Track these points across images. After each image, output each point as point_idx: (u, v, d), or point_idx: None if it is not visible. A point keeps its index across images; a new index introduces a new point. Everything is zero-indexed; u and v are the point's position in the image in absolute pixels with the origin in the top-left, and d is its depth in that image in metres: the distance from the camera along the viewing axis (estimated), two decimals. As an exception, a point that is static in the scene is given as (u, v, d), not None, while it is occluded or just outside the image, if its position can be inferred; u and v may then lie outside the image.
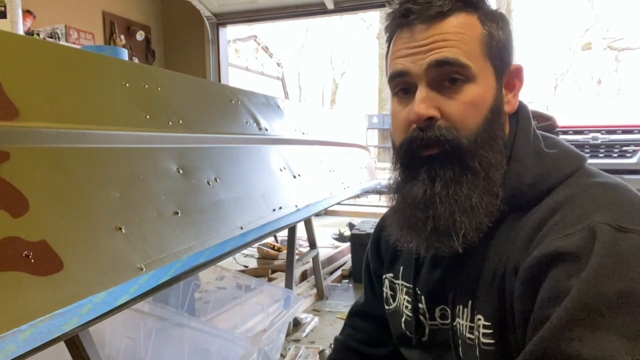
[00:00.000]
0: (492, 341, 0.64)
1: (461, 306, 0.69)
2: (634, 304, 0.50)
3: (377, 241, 0.92)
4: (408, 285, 0.80)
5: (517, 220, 0.65)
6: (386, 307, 0.86)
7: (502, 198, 0.65)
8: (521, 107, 0.73)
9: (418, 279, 0.77)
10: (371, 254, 0.94)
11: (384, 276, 0.87)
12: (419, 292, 0.77)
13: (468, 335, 0.68)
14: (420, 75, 0.65)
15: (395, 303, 0.84)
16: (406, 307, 0.80)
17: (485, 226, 0.64)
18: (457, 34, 0.65)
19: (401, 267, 0.82)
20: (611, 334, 0.49)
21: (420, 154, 0.66)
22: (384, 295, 0.87)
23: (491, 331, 0.63)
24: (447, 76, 0.64)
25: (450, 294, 0.71)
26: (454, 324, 0.71)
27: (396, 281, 0.83)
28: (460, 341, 0.70)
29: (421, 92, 0.65)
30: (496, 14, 0.69)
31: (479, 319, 0.65)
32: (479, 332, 0.65)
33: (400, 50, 0.67)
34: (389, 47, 0.72)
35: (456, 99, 0.64)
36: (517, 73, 0.71)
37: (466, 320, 0.68)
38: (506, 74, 0.70)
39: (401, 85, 0.68)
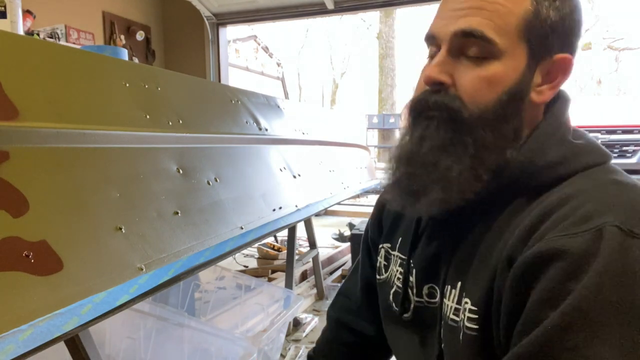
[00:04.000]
0: (475, 326, 0.61)
1: (449, 287, 0.67)
2: (635, 317, 0.48)
3: (380, 208, 0.90)
4: (403, 257, 0.77)
5: (523, 206, 0.62)
6: (377, 277, 0.85)
7: (510, 175, 0.63)
8: (562, 97, 0.68)
9: (414, 252, 0.75)
10: (372, 221, 0.92)
11: (380, 245, 0.85)
12: (412, 265, 0.75)
13: (452, 317, 0.66)
14: (444, 40, 0.63)
15: (387, 274, 0.82)
16: (398, 278, 0.78)
17: (454, 203, 0.63)
18: (494, 4, 0.60)
19: (400, 239, 0.80)
20: (607, 346, 0.47)
21: (423, 114, 0.66)
22: (378, 265, 0.85)
23: (476, 316, 0.61)
24: (470, 46, 0.62)
25: (442, 272, 0.69)
26: (441, 304, 0.69)
27: (392, 252, 0.81)
28: (442, 322, 0.68)
29: (440, 56, 0.64)
30: None
31: (466, 302, 0.63)
32: (464, 316, 0.63)
33: (440, 11, 0.66)
34: None
35: (473, 71, 0.62)
36: (563, 65, 0.64)
37: (453, 302, 0.66)
38: (547, 61, 0.63)
39: (431, 44, 0.67)
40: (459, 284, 0.66)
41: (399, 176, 0.68)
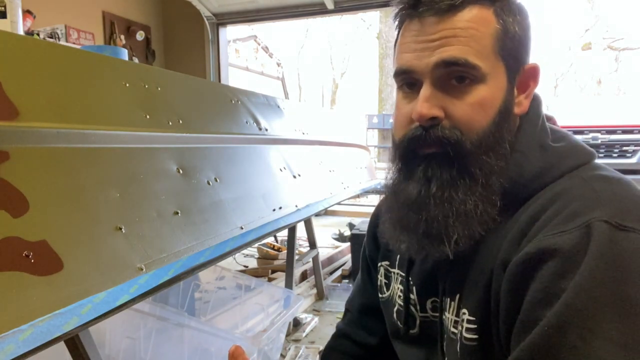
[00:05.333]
0: (474, 336, 0.61)
1: (449, 299, 0.67)
2: (630, 310, 0.48)
3: (374, 226, 0.90)
4: (403, 274, 0.77)
5: (513, 214, 0.62)
6: (380, 295, 0.85)
7: (503, 193, 0.63)
8: (534, 99, 0.69)
9: (412, 269, 0.75)
10: (367, 238, 0.92)
11: (379, 264, 0.85)
12: (411, 283, 0.75)
13: (452, 329, 0.66)
14: (425, 73, 0.62)
15: (389, 292, 0.82)
16: (399, 296, 0.78)
17: (478, 235, 0.62)
18: (468, 30, 0.60)
19: (398, 256, 0.80)
20: (606, 342, 0.47)
21: (420, 151, 0.64)
22: (378, 284, 0.85)
23: (475, 326, 0.61)
24: (454, 75, 0.61)
25: (440, 286, 0.70)
26: (442, 317, 0.69)
27: (392, 269, 0.81)
28: (445, 335, 0.69)
29: (425, 90, 0.62)
30: (515, 7, 0.64)
31: (464, 313, 0.63)
32: (462, 327, 0.63)
33: (408, 44, 0.64)
34: (397, 35, 0.68)
35: (462, 99, 0.61)
36: (533, 73, 0.67)
37: (452, 314, 0.66)
38: (520, 74, 0.65)
39: (406, 80, 0.66)
40: (457, 296, 0.66)
41: (413, 222, 0.64)
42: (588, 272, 0.49)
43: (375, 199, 6.71)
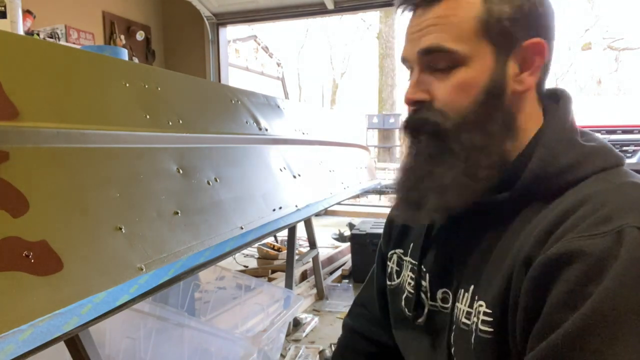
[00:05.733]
0: (490, 329, 0.61)
1: (462, 290, 0.67)
2: None
3: (390, 217, 0.92)
4: (414, 262, 0.78)
5: (538, 210, 0.61)
6: (389, 283, 0.85)
7: (522, 184, 0.63)
8: (562, 96, 0.69)
9: (425, 257, 0.76)
10: (383, 236, 0.93)
11: (391, 251, 0.86)
12: (424, 270, 0.76)
13: (464, 320, 0.66)
14: (414, 61, 0.68)
15: (399, 280, 0.82)
16: (409, 283, 0.78)
17: (455, 207, 0.66)
18: (446, 17, 0.64)
19: (411, 244, 0.81)
20: (629, 350, 0.46)
21: (412, 131, 0.71)
22: (389, 271, 0.85)
23: (491, 319, 0.61)
24: (437, 61, 0.65)
25: (455, 276, 0.70)
26: (454, 308, 0.69)
27: (405, 258, 0.82)
28: (454, 326, 0.68)
29: (413, 76, 0.68)
30: None
31: (480, 305, 0.63)
32: (477, 319, 0.63)
33: (406, 35, 0.70)
34: None
35: (445, 82, 0.65)
36: (536, 49, 0.65)
37: (465, 305, 0.66)
38: (517, 51, 0.65)
39: (408, 67, 0.71)
40: (472, 287, 0.66)
41: (401, 191, 0.72)
42: (617, 278, 0.49)
43: (375, 199, 6.71)
